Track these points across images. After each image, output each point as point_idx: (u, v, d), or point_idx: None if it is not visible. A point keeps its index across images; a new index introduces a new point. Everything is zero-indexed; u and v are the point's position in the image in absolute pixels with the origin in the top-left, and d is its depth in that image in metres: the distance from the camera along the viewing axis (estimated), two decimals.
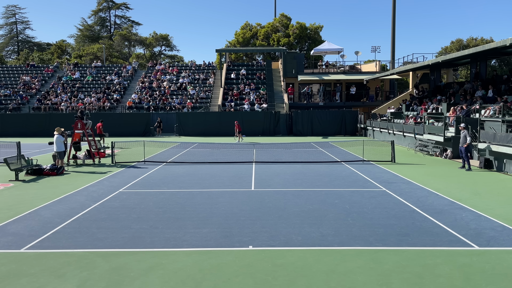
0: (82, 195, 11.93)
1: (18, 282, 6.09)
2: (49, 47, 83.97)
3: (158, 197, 11.68)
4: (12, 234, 8.30)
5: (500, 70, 53.31)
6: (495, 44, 19.29)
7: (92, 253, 7.25)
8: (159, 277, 6.24)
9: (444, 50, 63.15)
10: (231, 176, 15.00)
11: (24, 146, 24.83)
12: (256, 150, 23.39)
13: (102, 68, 50.09)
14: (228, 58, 54.14)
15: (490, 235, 8.11)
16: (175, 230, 8.54)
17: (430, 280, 6.08)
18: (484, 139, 16.90)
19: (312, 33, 61.06)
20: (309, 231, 8.40)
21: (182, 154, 22.04)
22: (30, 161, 15.82)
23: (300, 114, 37.61)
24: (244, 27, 63.48)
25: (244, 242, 7.76)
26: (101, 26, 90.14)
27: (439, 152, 21.04)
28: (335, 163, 18.54)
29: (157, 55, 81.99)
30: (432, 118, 23.41)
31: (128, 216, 9.63)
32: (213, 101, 41.81)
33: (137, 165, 18.09)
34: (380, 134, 31.29)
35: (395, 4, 46.04)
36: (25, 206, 10.58)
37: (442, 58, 25.93)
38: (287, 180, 14.24)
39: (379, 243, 7.71)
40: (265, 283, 6.04)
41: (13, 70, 50.78)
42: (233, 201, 11.05)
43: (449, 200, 11.10)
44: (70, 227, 8.79)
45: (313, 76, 44.56)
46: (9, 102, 42.17)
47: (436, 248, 7.41)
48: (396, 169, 16.70)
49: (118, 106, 41.17)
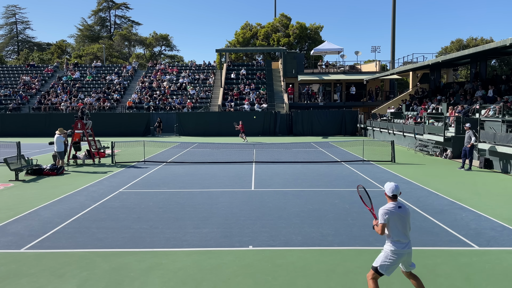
0: (82, 195, 11.93)
1: (18, 282, 6.09)
2: (49, 47, 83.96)
3: (158, 197, 11.68)
4: (12, 234, 8.31)
5: (500, 70, 53.29)
6: (495, 44, 19.29)
7: (92, 253, 7.25)
8: (159, 277, 6.25)
9: (444, 50, 63.14)
10: (231, 176, 15.00)
11: (24, 146, 24.83)
12: (256, 150, 23.39)
13: (102, 68, 50.09)
14: (228, 58, 54.14)
15: (490, 235, 8.11)
16: (175, 230, 8.54)
17: (430, 280, 6.08)
18: (484, 139, 16.90)
19: (312, 33, 61.05)
20: (309, 231, 8.40)
21: (182, 154, 22.04)
22: (30, 161, 15.82)
23: (300, 114, 37.60)
24: (244, 27, 63.47)
25: (244, 242, 7.76)
26: (101, 26, 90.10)
27: (439, 152, 21.04)
28: (335, 163, 18.54)
29: (157, 55, 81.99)
30: (432, 118, 23.41)
31: (128, 216, 9.63)
32: (213, 101, 41.81)
33: (137, 165, 18.09)
34: (380, 134, 31.29)
35: (395, 4, 46.05)
36: (25, 206, 10.58)
37: (442, 58, 25.92)
38: (287, 180, 14.24)
39: (379, 243, 7.70)
40: (265, 283, 6.04)
41: (13, 70, 50.78)
42: (233, 201, 11.05)
43: (449, 200, 11.10)
44: (70, 227, 8.79)
45: (313, 76, 44.55)
46: (9, 102, 42.17)
47: (436, 248, 7.41)
48: (396, 169, 16.70)
49: (118, 106, 41.17)
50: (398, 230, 5.04)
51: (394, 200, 5.13)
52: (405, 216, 5.07)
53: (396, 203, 5.10)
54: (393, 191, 5.11)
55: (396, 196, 5.13)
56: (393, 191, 5.11)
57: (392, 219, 5.04)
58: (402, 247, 5.02)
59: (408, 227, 5.10)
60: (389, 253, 5.07)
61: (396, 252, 5.03)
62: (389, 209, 5.07)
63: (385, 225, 5.08)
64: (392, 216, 5.03)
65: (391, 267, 5.08)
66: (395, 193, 5.11)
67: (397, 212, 5.04)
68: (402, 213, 5.06)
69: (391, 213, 5.04)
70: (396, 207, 5.07)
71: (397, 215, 5.04)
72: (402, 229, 5.04)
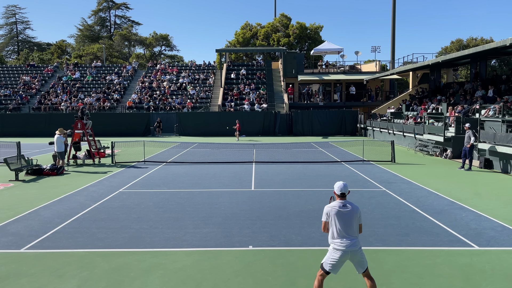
0: (82, 195, 11.93)
1: (18, 282, 6.09)
2: (49, 47, 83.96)
3: (158, 197, 11.68)
4: (12, 234, 8.30)
5: (500, 70, 53.30)
6: (495, 44, 19.29)
7: (92, 253, 7.25)
8: (159, 277, 6.24)
9: (444, 50, 63.14)
10: (231, 176, 15.00)
11: (24, 146, 24.84)
12: (256, 150, 23.39)
13: (102, 68, 50.08)
14: (228, 58, 54.13)
15: (490, 235, 8.11)
16: (175, 230, 8.54)
17: (430, 280, 6.08)
18: (484, 139, 16.90)
19: (312, 33, 61.05)
20: (309, 231, 8.40)
21: (182, 154, 22.04)
22: (30, 161, 15.82)
23: (300, 114, 37.61)
24: (244, 27, 63.47)
25: (244, 242, 7.76)
26: (101, 26, 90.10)
27: (439, 152, 21.04)
28: (335, 163, 18.54)
29: (157, 55, 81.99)
30: (432, 118, 23.41)
31: (128, 216, 9.63)
32: (213, 101, 41.81)
33: (137, 165, 18.09)
34: (380, 134, 31.29)
35: (395, 4, 46.05)
36: (25, 206, 10.58)
37: (442, 58, 25.92)
38: (287, 180, 14.24)
39: (379, 243, 7.71)
40: (265, 283, 6.04)
41: (13, 70, 50.77)
42: (233, 201, 11.05)
43: (449, 200, 11.10)
44: (70, 227, 8.79)
45: (313, 76, 44.54)
46: (9, 102, 42.17)
47: (436, 248, 7.41)
48: (396, 169, 16.70)
49: (118, 106, 41.17)
50: (340, 228, 5.14)
51: (342, 198, 5.27)
52: (349, 215, 5.16)
53: (342, 202, 5.23)
54: (341, 189, 5.25)
55: (344, 194, 5.26)
56: (341, 189, 5.25)
57: (334, 217, 5.17)
58: (343, 245, 5.10)
59: (353, 226, 5.17)
60: (332, 251, 5.20)
61: (338, 250, 5.12)
62: (331, 207, 5.22)
63: (326, 223, 5.25)
64: (333, 214, 5.17)
65: (335, 265, 5.18)
66: (344, 192, 5.25)
67: (340, 210, 5.16)
68: (346, 212, 5.16)
69: (332, 211, 5.18)
70: (340, 206, 5.19)
71: (340, 213, 5.15)
72: (344, 228, 5.13)
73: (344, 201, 5.23)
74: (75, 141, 18.65)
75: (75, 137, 18.65)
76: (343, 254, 5.11)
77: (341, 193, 5.25)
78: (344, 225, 5.13)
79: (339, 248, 5.10)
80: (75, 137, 18.65)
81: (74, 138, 18.65)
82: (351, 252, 5.12)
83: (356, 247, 5.13)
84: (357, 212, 5.23)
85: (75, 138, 18.66)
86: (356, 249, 5.14)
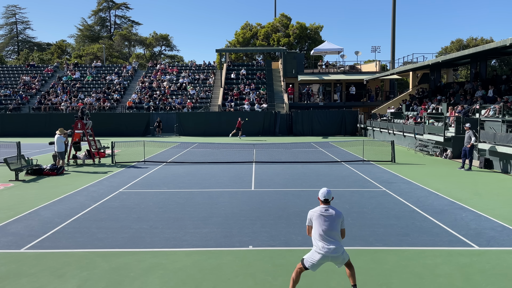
0: (82, 195, 11.93)
1: (18, 282, 6.09)
2: (49, 47, 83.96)
3: (158, 197, 11.68)
4: (12, 234, 8.31)
5: (500, 70, 53.28)
6: (495, 44, 19.29)
7: (92, 253, 7.25)
8: (159, 277, 6.25)
9: (444, 50, 63.14)
10: (231, 176, 15.00)
11: (24, 146, 24.84)
12: (256, 150, 23.39)
13: (102, 68, 50.08)
14: (228, 58, 54.13)
15: (490, 235, 8.11)
16: (175, 230, 8.54)
17: (430, 280, 6.08)
18: (484, 139, 16.90)
19: (312, 33, 61.05)
20: None
21: (182, 154, 22.04)
22: (30, 161, 15.82)
23: (300, 114, 37.60)
24: (244, 27, 63.48)
25: (244, 242, 7.76)
26: (101, 26, 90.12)
27: (439, 152, 21.04)
28: (335, 163, 18.54)
29: (157, 55, 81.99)
30: (432, 118, 23.41)
31: (128, 216, 9.63)
32: (213, 101, 41.81)
33: (137, 165, 18.09)
34: (380, 134, 31.29)
35: (395, 4, 46.05)
36: (25, 206, 10.58)
37: (442, 58, 25.93)
38: (287, 180, 14.24)
39: (379, 243, 7.71)
40: (265, 283, 6.04)
41: (13, 70, 50.77)
42: (233, 201, 11.05)
43: (449, 200, 11.10)
44: (70, 227, 8.79)
45: (313, 76, 44.55)
46: (9, 102, 42.17)
47: (436, 248, 7.41)
48: (396, 169, 16.70)
49: (118, 106, 41.17)
50: (321, 233, 5.22)
51: (325, 204, 5.38)
52: (331, 219, 5.25)
53: (325, 207, 5.34)
54: (324, 195, 5.39)
55: (328, 200, 5.38)
56: (324, 195, 5.39)
57: (316, 221, 5.28)
58: (324, 250, 5.18)
59: (335, 230, 5.24)
60: (314, 253, 5.29)
61: (319, 253, 5.21)
62: (314, 211, 5.34)
63: (309, 227, 5.39)
64: (315, 218, 5.29)
65: (314, 265, 5.28)
66: (327, 198, 5.38)
67: (321, 214, 5.27)
68: (328, 216, 5.25)
69: (314, 215, 5.31)
70: (322, 210, 5.30)
71: (322, 218, 5.26)
72: (325, 232, 5.21)
73: (327, 206, 5.35)
74: (75, 141, 18.65)
75: (75, 137, 18.65)
76: (324, 258, 5.22)
77: (324, 199, 5.38)
78: (326, 229, 5.22)
79: (320, 252, 5.20)
80: (75, 137, 18.65)
81: (74, 138, 18.65)
82: (331, 257, 5.22)
83: (338, 253, 5.21)
84: (339, 217, 5.32)
85: (75, 138, 18.66)
86: (338, 255, 5.22)
